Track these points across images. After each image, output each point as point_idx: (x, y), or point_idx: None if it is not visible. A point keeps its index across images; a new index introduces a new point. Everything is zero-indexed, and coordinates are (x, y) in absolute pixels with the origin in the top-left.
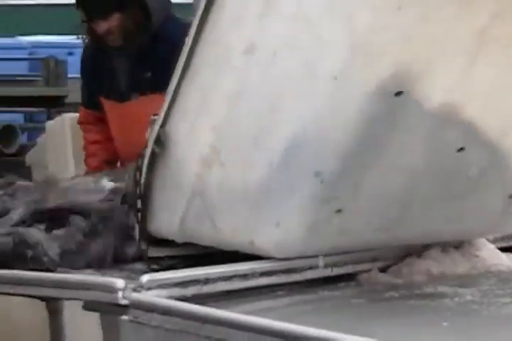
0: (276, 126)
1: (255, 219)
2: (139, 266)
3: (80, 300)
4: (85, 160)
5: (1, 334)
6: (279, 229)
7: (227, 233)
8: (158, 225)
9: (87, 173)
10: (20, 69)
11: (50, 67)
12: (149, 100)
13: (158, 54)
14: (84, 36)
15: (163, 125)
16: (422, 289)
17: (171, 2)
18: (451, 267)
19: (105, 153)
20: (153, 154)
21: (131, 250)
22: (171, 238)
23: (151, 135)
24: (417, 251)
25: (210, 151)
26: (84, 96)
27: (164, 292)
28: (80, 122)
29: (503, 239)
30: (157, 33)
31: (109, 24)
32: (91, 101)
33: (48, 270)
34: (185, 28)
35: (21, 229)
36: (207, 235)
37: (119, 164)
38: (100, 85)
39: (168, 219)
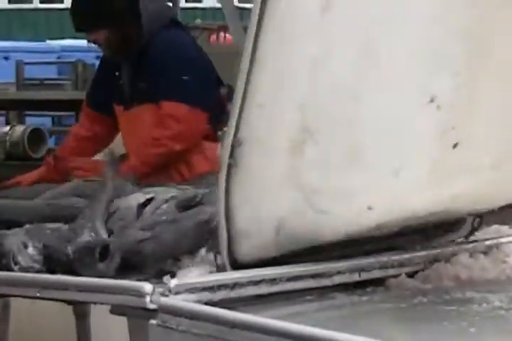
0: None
1: (369, 183)
2: None
3: (108, 304)
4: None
5: (28, 338)
6: (397, 180)
7: (338, 212)
8: (247, 247)
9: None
10: (49, 72)
11: (79, 70)
12: (143, 110)
13: (152, 65)
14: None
15: (236, 134)
16: (450, 294)
17: (170, 8)
18: (479, 273)
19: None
20: (229, 168)
21: None
22: (264, 256)
23: (224, 150)
24: (446, 256)
25: (299, 134)
26: (96, 99)
27: (192, 296)
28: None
29: None
30: (153, 42)
31: (95, 37)
32: (103, 105)
33: None
34: (184, 34)
35: None
36: (311, 228)
37: None
38: (111, 91)
39: (258, 235)
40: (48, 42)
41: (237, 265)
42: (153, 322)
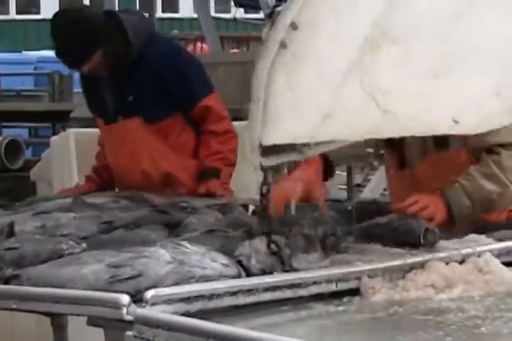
0: None
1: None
2: None
3: (85, 315)
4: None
5: None
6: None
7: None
8: (282, 132)
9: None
10: (26, 84)
11: (56, 82)
12: (129, 123)
13: (139, 78)
14: None
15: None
16: (426, 304)
17: (152, 22)
18: (455, 281)
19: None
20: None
21: None
22: (295, 140)
23: (277, 30)
24: (422, 265)
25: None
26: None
27: (169, 307)
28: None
29: (507, 253)
30: (138, 57)
31: (89, 66)
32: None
33: None
34: (172, 42)
35: None
36: (367, 124)
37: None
38: (93, 105)
39: (297, 121)
40: (25, 53)
41: (266, 149)
42: (129, 333)
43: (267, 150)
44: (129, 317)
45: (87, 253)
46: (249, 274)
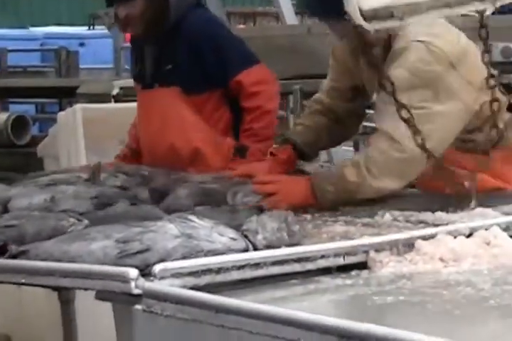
0: None
1: None
2: None
3: (93, 289)
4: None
5: (13, 324)
6: None
7: None
8: None
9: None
10: (33, 60)
11: (62, 58)
12: (164, 92)
13: (177, 48)
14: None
15: None
16: (434, 277)
17: None
18: (463, 255)
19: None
20: None
21: None
22: None
23: None
24: (428, 238)
25: None
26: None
27: (177, 281)
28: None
29: None
30: (179, 24)
31: (129, 10)
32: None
33: None
34: (213, 17)
35: None
36: None
37: None
38: (135, 69)
39: None
40: (31, 29)
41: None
42: (138, 307)
43: (368, 16)
44: (137, 291)
45: (95, 228)
46: (255, 249)
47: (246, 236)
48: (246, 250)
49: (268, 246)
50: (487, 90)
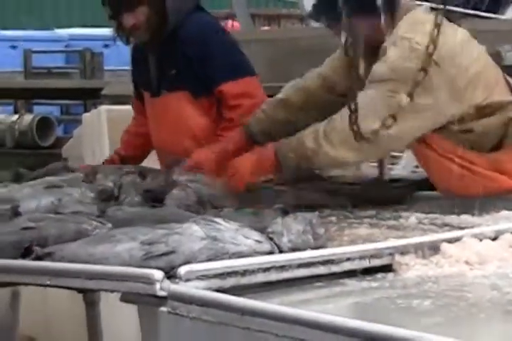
0: None
1: None
2: None
3: (118, 291)
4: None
5: (38, 326)
6: None
7: None
8: None
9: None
10: (57, 61)
11: (87, 59)
12: (172, 97)
13: (177, 52)
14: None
15: None
16: (459, 281)
17: None
18: (489, 258)
19: (130, 145)
20: None
21: None
22: None
23: None
24: (454, 241)
25: None
26: (133, 87)
27: (202, 283)
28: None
29: None
30: (176, 29)
31: (136, 18)
32: (136, 92)
33: None
34: (211, 22)
35: None
36: None
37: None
38: (140, 77)
39: None
40: (56, 30)
41: None
42: (163, 309)
43: None
44: (162, 293)
45: (120, 230)
46: (281, 252)
47: (271, 239)
48: (271, 252)
49: (293, 249)
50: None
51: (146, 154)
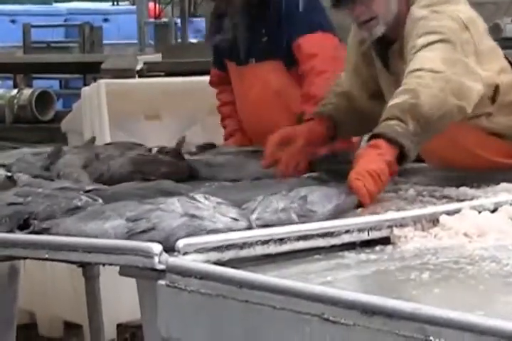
0: None
1: None
2: None
3: (116, 265)
4: (222, 122)
5: (38, 300)
6: None
7: None
8: None
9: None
10: (57, 35)
11: (86, 33)
12: (263, 66)
13: (273, 19)
14: None
15: None
16: (459, 253)
17: None
18: (488, 230)
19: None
20: None
21: None
22: None
23: None
24: (453, 213)
25: None
26: (213, 56)
27: (201, 256)
28: (211, 82)
29: None
30: None
31: None
32: (217, 61)
33: None
34: None
35: None
36: None
37: None
38: (225, 46)
39: None
40: (55, 5)
41: None
42: (161, 282)
43: None
44: (160, 266)
45: (110, 206)
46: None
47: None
48: (248, 229)
49: (264, 226)
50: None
51: None
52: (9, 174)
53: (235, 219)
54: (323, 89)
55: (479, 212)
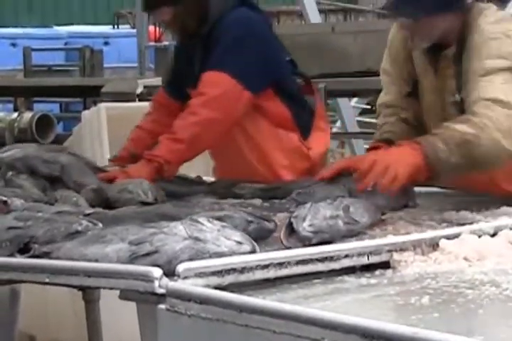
0: None
1: None
2: None
3: (117, 289)
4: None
5: (38, 323)
6: None
7: None
8: None
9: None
10: (57, 59)
11: (86, 57)
12: None
13: (213, 48)
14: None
15: None
16: (458, 277)
17: None
18: (488, 255)
19: (142, 143)
20: None
21: None
22: None
23: None
24: (452, 237)
25: None
26: (166, 78)
27: (201, 281)
28: (153, 99)
29: None
30: (221, 21)
31: (160, 17)
32: (169, 89)
33: None
34: (254, 13)
35: None
36: None
37: None
38: (183, 75)
39: None
40: (56, 28)
41: None
42: (161, 306)
43: None
44: (161, 291)
45: (111, 230)
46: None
47: (291, 224)
48: (252, 253)
49: (315, 232)
50: None
51: None
52: (4, 198)
53: (239, 243)
54: (187, 131)
55: (479, 236)
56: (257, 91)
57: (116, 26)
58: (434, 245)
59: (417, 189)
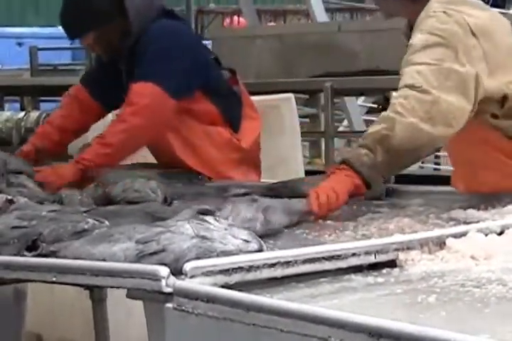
0: None
1: None
2: None
3: (124, 288)
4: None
5: (45, 323)
6: None
7: None
8: None
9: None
10: (63, 58)
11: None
12: None
13: (148, 56)
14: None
15: None
16: (465, 276)
17: (160, 5)
18: (495, 253)
19: (48, 138)
20: None
21: None
22: None
23: None
24: (459, 236)
25: None
26: (90, 77)
27: (208, 279)
28: (68, 94)
29: None
30: (143, 36)
31: (84, 42)
32: (94, 86)
33: None
34: (174, 22)
35: None
36: None
37: None
38: (113, 84)
39: None
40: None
41: None
42: (169, 305)
43: None
44: (168, 289)
45: (118, 229)
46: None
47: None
48: (260, 251)
49: None
50: None
51: (60, 153)
52: (10, 197)
53: (247, 241)
54: (116, 137)
55: (486, 235)
56: (183, 98)
57: None
58: (441, 244)
59: (424, 188)
